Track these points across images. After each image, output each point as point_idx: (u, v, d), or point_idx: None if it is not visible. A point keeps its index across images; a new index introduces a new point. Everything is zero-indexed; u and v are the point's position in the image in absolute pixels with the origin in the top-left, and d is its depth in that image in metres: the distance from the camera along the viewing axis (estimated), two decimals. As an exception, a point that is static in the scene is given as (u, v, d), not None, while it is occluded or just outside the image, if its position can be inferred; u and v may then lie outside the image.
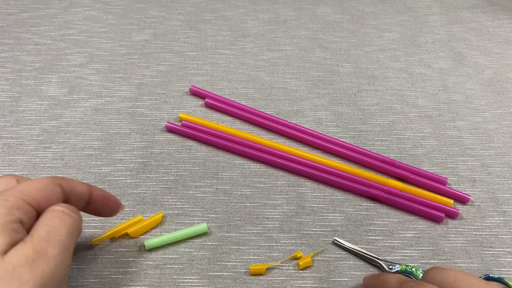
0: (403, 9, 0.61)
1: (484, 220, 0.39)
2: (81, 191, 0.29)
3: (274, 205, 0.39)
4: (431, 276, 0.27)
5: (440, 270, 0.27)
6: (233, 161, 0.42)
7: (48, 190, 0.27)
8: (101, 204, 0.31)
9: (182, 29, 0.56)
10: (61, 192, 0.27)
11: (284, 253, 0.36)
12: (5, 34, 0.53)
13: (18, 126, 0.44)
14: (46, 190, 0.26)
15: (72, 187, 0.28)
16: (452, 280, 0.26)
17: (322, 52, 0.54)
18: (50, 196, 0.27)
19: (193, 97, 0.48)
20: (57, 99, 0.46)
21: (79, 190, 0.29)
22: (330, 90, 0.49)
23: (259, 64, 0.52)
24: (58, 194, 0.27)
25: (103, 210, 0.31)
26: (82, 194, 0.29)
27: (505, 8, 0.62)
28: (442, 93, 0.50)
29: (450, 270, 0.26)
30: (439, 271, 0.27)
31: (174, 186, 0.40)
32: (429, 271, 0.28)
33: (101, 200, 0.31)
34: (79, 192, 0.29)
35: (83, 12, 0.57)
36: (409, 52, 0.54)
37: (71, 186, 0.28)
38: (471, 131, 0.46)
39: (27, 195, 0.26)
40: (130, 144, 0.43)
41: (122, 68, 0.50)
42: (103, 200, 0.31)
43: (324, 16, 0.59)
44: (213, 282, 0.34)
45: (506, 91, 0.50)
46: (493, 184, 0.42)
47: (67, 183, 0.28)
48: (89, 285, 0.33)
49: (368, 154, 0.43)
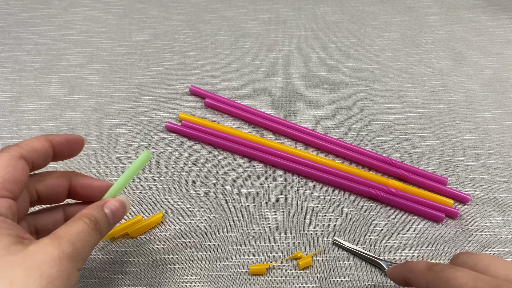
0: (403, 9, 0.61)
1: (484, 220, 0.39)
2: (42, 149, 0.27)
3: (274, 205, 0.39)
4: (463, 260, 0.26)
5: (472, 254, 0.26)
6: (233, 161, 0.42)
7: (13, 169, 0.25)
8: (67, 149, 0.29)
9: (182, 29, 0.56)
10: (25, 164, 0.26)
11: (284, 253, 0.36)
12: (5, 34, 0.53)
13: (18, 126, 0.44)
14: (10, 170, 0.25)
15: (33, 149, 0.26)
16: (487, 263, 0.25)
17: (322, 52, 0.54)
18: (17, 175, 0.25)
19: (193, 97, 0.48)
20: (57, 99, 0.46)
21: (40, 149, 0.27)
22: (330, 90, 0.49)
23: (259, 64, 0.52)
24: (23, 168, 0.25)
25: (70, 153, 0.29)
26: (45, 152, 0.27)
27: (505, 8, 0.62)
28: (442, 93, 0.50)
29: (483, 255, 0.26)
30: (471, 255, 0.26)
31: (174, 186, 0.40)
32: (460, 255, 0.27)
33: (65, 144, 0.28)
34: (41, 152, 0.27)
35: (83, 12, 0.57)
36: (409, 52, 0.54)
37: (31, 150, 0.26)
38: (471, 131, 0.46)
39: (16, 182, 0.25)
40: (130, 144, 0.43)
41: (122, 68, 0.50)
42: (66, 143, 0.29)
43: (324, 16, 0.59)
44: (213, 282, 0.34)
45: (506, 91, 0.50)
46: (493, 184, 0.42)
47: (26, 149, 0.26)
48: (89, 285, 0.33)
49: (368, 154, 0.43)
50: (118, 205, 0.28)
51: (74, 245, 0.24)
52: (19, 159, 0.25)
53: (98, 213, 0.26)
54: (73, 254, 0.23)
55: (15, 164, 0.25)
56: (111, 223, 0.27)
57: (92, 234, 0.25)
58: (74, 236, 0.24)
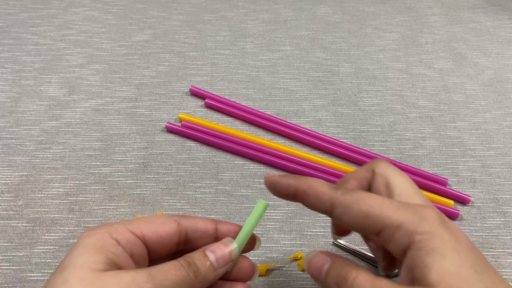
0: (404, 10, 0.61)
1: (485, 221, 0.39)
2: (203, 227, 0.26)
3: (274, 206, 0.39)
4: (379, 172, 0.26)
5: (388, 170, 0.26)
6: (233, 161, 0.42)
7: (158, 223, 0.25)
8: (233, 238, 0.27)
9: (182, 29, 0.56)
10: (174, 226, 0.25)
11: (284, 254, 0.36)
12: (5, 34, 0.53)
13: (18, 127, 0.44)
14: (155, 222, 0.25)
15: (193, 222, 0.26)
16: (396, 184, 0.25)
17: (322, 53, 0.54)
18: (158, 229, 0.25)
19: (193, 97, 0.48)
20: (57, 99, 0.46)
21: (200, 226, 0.26)
22: (330, 91, 0.49)
23: (259, 65, 0.52)
24: (170, 227, 0.25)
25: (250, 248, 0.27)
26: (205, 231, 0.26)
27: (505, 8, 0.62)
28: (443, 94, 0.50)
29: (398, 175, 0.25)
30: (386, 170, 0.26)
31: (174, 187, 0.40)
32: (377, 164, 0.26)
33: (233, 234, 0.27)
34: (200, 228, 0.26)
35: (83, 12, 0.57)
36: (409, 52, 0.54)
37: (191, 222, 0.26)
38: (471, 132, 0.46)
39: (132, 225, 0.24)
40: (130, 145, 0.43)
41: (122, 68, 0.50)
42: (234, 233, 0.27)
43: (324, 17, 0.59)
44: (213, 283, 0.34)
45: (506, 92, 0.50)
46: (494, 185, 0.41)
47: (187, 220, 0.26)
48: (89, 286, 0.33)
49: (368, 155, 0.43)
50: (222, 247, 0.25)
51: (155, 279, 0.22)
52: (170, 220, 0.25)
53: (198, 256, 0.24)
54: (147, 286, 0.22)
55: (164, 221, 0.25)
56: (214, 266, 0.25)
57: (183, 273, 0.23)
58: (159, 271, 0.23)
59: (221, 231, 0.26)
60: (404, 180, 0.25)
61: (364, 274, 0.22)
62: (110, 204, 0.38)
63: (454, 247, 0.21)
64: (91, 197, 0.39)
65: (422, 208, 0.22)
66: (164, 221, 0.25)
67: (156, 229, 0.25)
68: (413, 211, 0.22)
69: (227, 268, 0.25)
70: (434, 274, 0.20)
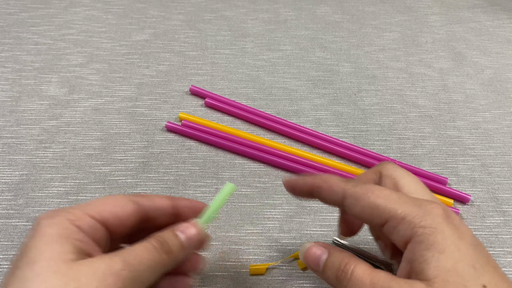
0: (403, 9, 0.61)
1: (484, 220, 0.39)
2: (161, 205, 0.27)
3: (274, 205, 0.39)
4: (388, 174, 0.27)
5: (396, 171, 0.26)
6: (233, 160, 0.42)
7: (118, 206, 0.25)
8: (190, 213, 0.28)
9: (182, 29, 0.56)
10: (133, 207, 0.26)
11: (284, 253, 0.36)
12: (5, 34, 0.53)
13: (18, 126, 0.44)
14: (116, 205, 0.25)
15: (151, 201, 0.27)
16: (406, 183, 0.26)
17: (322, 52, 0.54)
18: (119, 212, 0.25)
19: (193, 97, 0.48)
20: (57, 99, 0.46)
21: (159, 204, 0.27)
22: (330, 90, 0.49)
23: (259, 64, 0.52)
24: (129, 209, 0.25)
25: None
26: (162, 208, 0.27)
27: (505, 8, 0.62)
28: (442, 93, 0.50)
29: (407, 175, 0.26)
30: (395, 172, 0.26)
31: (174, 186, 0.40)
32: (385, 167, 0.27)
33: (189, 209, 0.28)
34: (158, 206, 0.27)
35: (83, 12, 0.57)
36: (409, 52, 0.54)
37: (149, 201, 0.26)
38: (471, 131, 0.46)
39: (92, 210, 0.24)
40: (130, 144, 0.43)
41: (122, 68, 0.50)
42: (191, 209, 0.28)
43: (324, 16, 0.59)
44: (213, 282, 0.34)
45: (506, 91, 0.50)
46: (493, 184, 0.41)
47: (145, 199, 0.26)
48: (89, 285, 0.33)
49: (368, 154, 0.43)
50: (190, 226, 0.26)
51: (129, 264, 0.22)
52: (129, 202, 0.25)
53: (168, 235, 0.25)
54: (123, 273, 0.22)
55: (124, 203, 0.25)
56: (185, 246, 0.25)
57: (156, 256, 0.24)
58: (132, 255, 0.23)
59: (179, 207, 0.27)
60: (412, 179, 0.26)
61: (362, 266, 0.22)
62: (110, 203, 0.38)
63: (455, 242, 0.21)
64: (91, 196, 0.39)
65: (428, 203, 0.23)
66: (123, 203, 0.25)
67: (116, 212, 0.25)
68: (418, 205, 0.22)
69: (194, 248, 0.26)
70: (431, 269, 0.20)
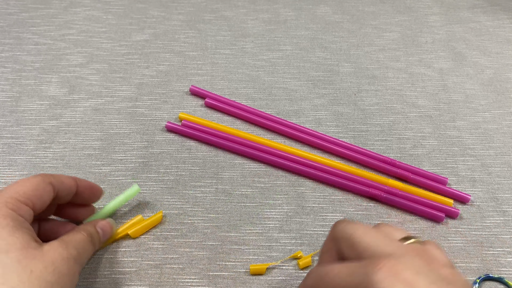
0: (403, 9, 0.61)
1: (484, 220, 0.39)
2: (69, 185, 0.31)
3: (274, 205, 0.39)
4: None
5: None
6: (233, 161, 0.42)
7: (41, 189, 0.29)
8: (88, 193, 0.33)
9: (182, 29, 0.56)
10: (52, 189, 0.29)
11: (284, 253, 0.36)
12: (5, 34, 0.53)
13: (18, 126, 0.44)
14: (38, 189, 0.28)
15: (61, 182, 0.30)
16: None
17: (322, 52, 0.54)
18: (43, 195, 0.29)
19: (193, 97, 0.48)
20: (57, 99, 0.46)
21: (67, 184, 0.31)
22: (330, 90, 0.49)
23: (259, 64, 0.52)
24: (49, 191, 0.29)
25: (89, 198, 0.34)
26: (70, 188, 0.31)
27: (505, 8, 0.62)
28: (442, 93, 0.50)
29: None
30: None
31: (174, 186, 0.40)
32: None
33: (88, 189, 0.33)
34: (67, 186, 0.31)
35: (83, 12, 0.57)
36: (409, 52, 0.54)
37: (60, 182, 0.30)
38: (471, 131, 0.46)
39: (22, 195, 0.28)
40: (130, 144, 0.43)
41: (122, 68, 0.50)
42: (89, 189, 0.33)
43: (324, 16, 0.59)
44: (213, 282, 0.34)
45: (506, 91, 0.50)
46: (493, 184, 0.42)
47: (56, 180, 0.30)
48: (89, 285, 0.33)
49: (368, 154, 0.43)
50: (107, 224, 0.34)
51: (78, 250, 0.29)
52: (48, 185, 0.29)
53: (92, 229, 0.32)
54: (76, 257, 0.28)
55: (44, 187, 0.29)
56: (101, 239, 0.33)
57: (88, 244, 0.30)
58: (77, 243, 0.29)
59: (79, 187, 0.32)
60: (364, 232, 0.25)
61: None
62: (110, 203, 0.38)
63: None
64: (91, 196, 0.39)
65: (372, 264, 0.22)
66: (43, 186, 0.29)
67: (41, 196, 0.29)
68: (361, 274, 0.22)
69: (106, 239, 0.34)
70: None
